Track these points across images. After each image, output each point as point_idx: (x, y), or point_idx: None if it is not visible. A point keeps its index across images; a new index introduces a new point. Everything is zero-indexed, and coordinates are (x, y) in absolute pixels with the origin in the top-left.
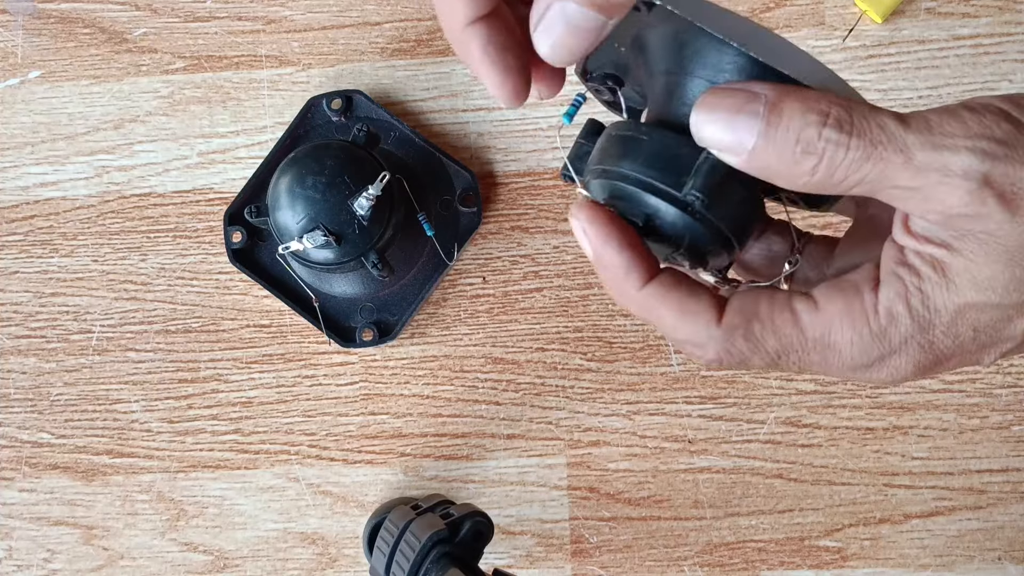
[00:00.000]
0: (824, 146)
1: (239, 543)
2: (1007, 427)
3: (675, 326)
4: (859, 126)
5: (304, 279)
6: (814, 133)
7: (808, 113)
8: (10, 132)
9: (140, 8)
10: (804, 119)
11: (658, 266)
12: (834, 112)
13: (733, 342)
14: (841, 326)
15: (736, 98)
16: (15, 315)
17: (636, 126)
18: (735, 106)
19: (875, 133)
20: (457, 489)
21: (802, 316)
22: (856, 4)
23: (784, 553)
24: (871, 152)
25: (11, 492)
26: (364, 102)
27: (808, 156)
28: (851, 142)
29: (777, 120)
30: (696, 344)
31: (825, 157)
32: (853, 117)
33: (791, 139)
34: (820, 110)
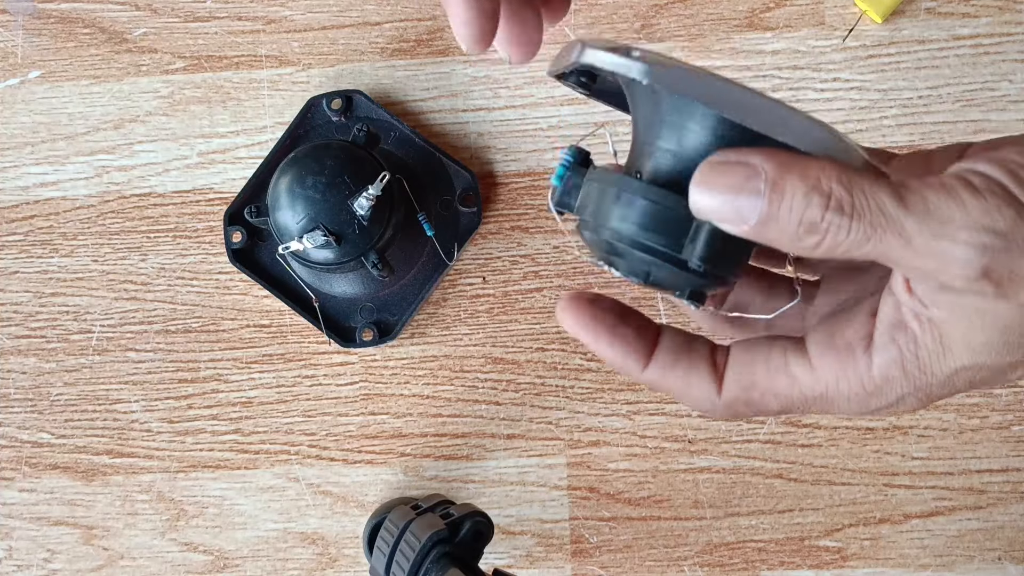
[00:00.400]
0: (827, 228)
1: (239, 543)
2: (1007, 427)
3: (680, 399)
4: (859, 207)
5: (304, 279)
6: (817, 215)
7: (810, 194)
8: (10, 132)
9: (140, 8)
10: (806, 200)
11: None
12: (835, 193)
13: (736, 409)
14: (838, 387)
15: (735, 176)
16: (15, 315)
17: (631, 183)
18: (735, 185)
19: (874, 215)
20: (457, 489)
21: (799, 379)
22: (856, 4)
23: (784, 553)
24: (871, 234)
25: (11, 492)
26: (364, 102)
27: (811, 235)
28: (852, 225)
29: (779, 200)
30: (704, 411)
31: (827, 236)
32: (854, 197)
33: (794, 220)
34: (822, 191)
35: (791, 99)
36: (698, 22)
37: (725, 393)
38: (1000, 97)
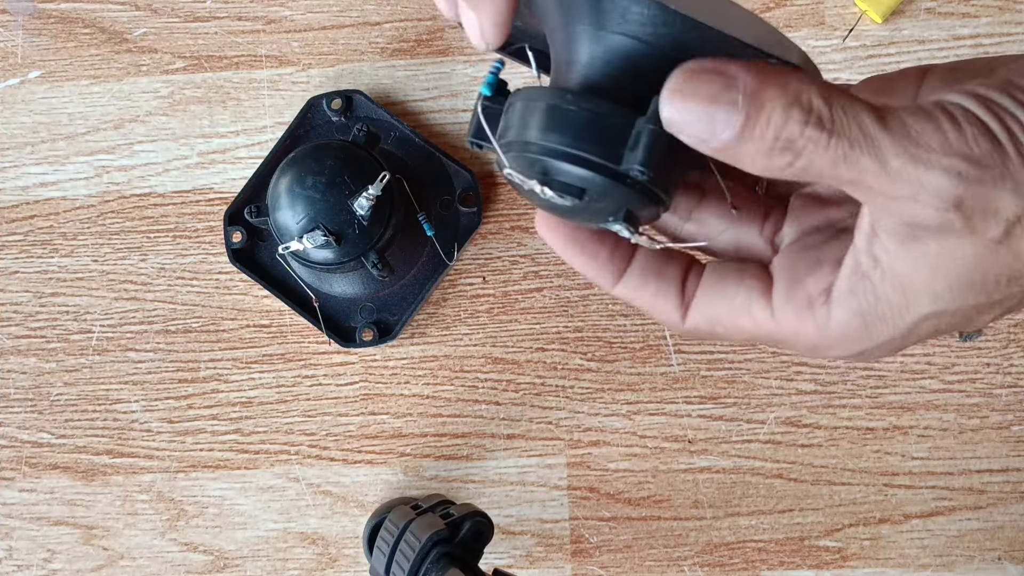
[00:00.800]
0: (804, 144)
1: (239, 543)
2: (1007, 427)
3: (650, 315)
4: (839, 124)
5: (304, 279)
6: (796, 130)
7: (791, 108)
8: (10, 132)
9: (140, 8)
10: (786, 114)
11: (626, 263)
12: (816, 107)
13: (698, 334)
14: (797, 337)
15: (712, 85)
16: (15, 315)
17: (559, 94)
18: (711, 95)
19: (853, 132)
20: (457, 489)
21: (760, 323)
22: (856, 4)
23: (784, 553)
24: (847, 153)
25: (11, 492)
26: (364, 102)
27: (785, 153)
28: (830, 142)
29: (757, 113)
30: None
31: (803, 155)
32: (833, 113)
33: (771, 135)
34: (802, 105)
35: None
36: None
37: (689, 321)
38: None
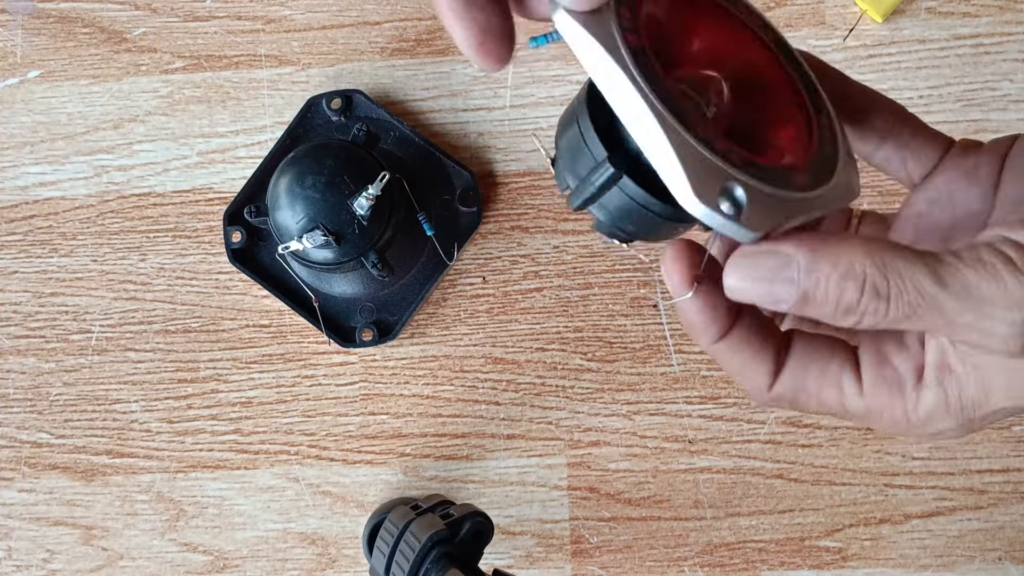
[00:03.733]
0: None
1: (239, 543)
2: (1007, 427)
3: (735, 376)
4: (895, 289)
5: (304, 279)
6: (852, 299)
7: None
8: (9, 132)
9: (140, 8)
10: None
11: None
12: (870, 277)
13: (779, 403)
14: (882, 414)
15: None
16: (15, 315)
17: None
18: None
19: (911, 295)
20: (457, 489)
21: (847, 398)
22: (856, 4)
23: (784, 553)
24: (910, 314)
25: (11, 492)
26: (364, 102)
27: (849, 315)
28: (889, 308)
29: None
30: (750, 394)
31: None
32: (889, 280)
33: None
34: (856, 276)
35: None
36: None
37: (776, 387)
38: (1001, 97)
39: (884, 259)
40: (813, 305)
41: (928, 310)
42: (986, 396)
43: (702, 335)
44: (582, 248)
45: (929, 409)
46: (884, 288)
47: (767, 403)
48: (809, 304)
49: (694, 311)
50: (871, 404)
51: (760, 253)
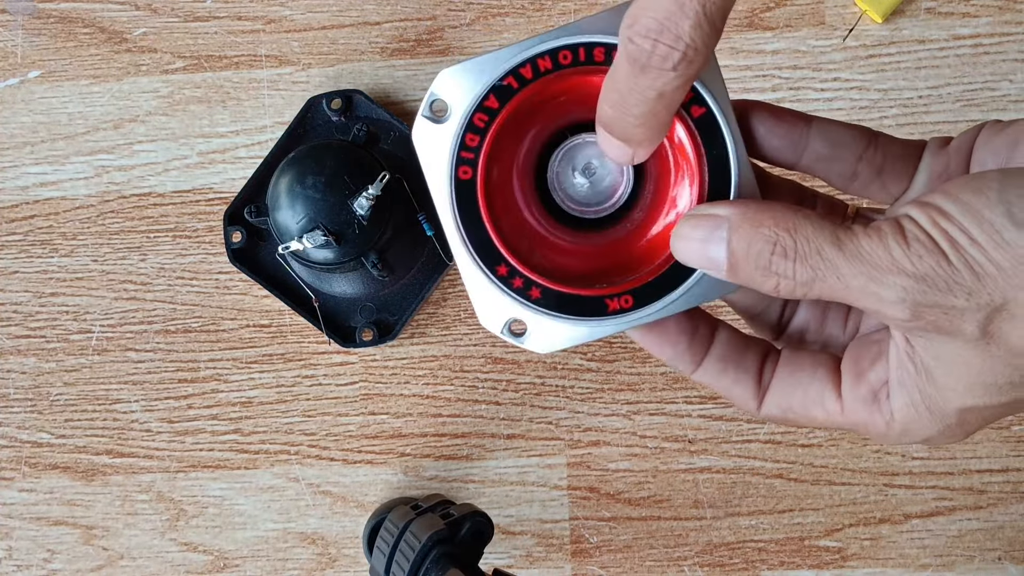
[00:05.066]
0: (776, 270)
1: (239, 543)
2: (1007, 427)
3: (727, 399)
4: (801, 251)
5: (304, 279)
6: (765, 260)
7: (757, 241)
8: (10, 132)
9: (140, 8)
10: (755, 247)
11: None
12: (780, 239)
13: (773, 420)
14: (867, 428)
15: (704, 226)
16: (15, 315)
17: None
18: (704, 236)
19: (813, 259)
20: (457, 489)
21: (832, 415)
22: (856, 4)
23: (784, 553)
24: (814, 276)
25: (11, 492)
26: (364, 102)
27: (767, 277)
28: (795, 268)
29: (736, 245)
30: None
31: (781, 279)
32: (796, 242)
33: (751, 264)
34: (768, 237)
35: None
36: None
37: (764, 409)
38: (1000, 97)
39: (796, 223)
40: (739, 266)
41: (827, 272)
42: (940, 392)
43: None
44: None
45: (902, 416)
46: (792, 249)
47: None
48: (736, 264)
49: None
50: (853, 419)
51: (700, 215)
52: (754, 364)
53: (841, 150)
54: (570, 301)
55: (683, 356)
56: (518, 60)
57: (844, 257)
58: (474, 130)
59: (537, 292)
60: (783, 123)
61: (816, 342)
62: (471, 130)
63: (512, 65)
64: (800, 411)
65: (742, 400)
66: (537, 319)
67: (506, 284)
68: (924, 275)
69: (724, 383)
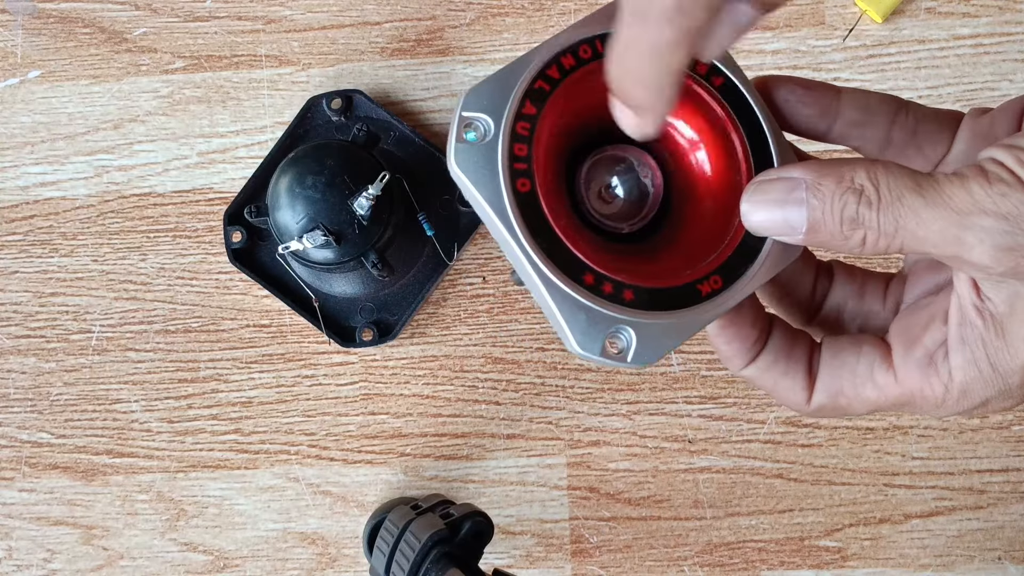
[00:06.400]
0: (862, 221)
1: (239, 543)
2: (1007, 427)
3: (772, 395)
4: (884, 198)
5: (304, 279)
6: (852, 211)
7: (844, 193)
8: (10, 132)
9: (140, 8)
10: (843, 200)
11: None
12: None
13: (821, 414)
14: (923, 395)
15: (778, 189)
16: (15, 315)
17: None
18: (780, 199)
19: (895, 206)
20: (457, 489)
21: (884, 389)
22: (856, 4)
23: (784, 553)
24: (897, 225)
25: (11, 492)
26: (364, 102)
27: (855, 230)
28: (879, 217)
29: (819, 204)
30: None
31: (868, 231)
32: (879, 190)
33: (836, 220)
34: (854, 187)
35: None
36: None
37: (814, 400)
38: (1000, 97)
39: (877, 172)
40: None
41: (910, 219)
42: (1007, 345)
43: (732, 361)
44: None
45: (961, 376)
46: (875, 198)
47: (811, 416)
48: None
49: (723, 342)
50: (908, 388)
51: (770, 180)
52: (804, 355)
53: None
54: (663, 296)
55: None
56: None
57: (925, 202)
58: (520, 139)
59: (630, 294)
60: (813, 92)
61: (855, 320)
62: (517, 140)
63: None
64: (851, 393)
65: (790, 393)
66: (638, 325)
67: (596, 293)
68: (1008, 214)
69: (773, 376)
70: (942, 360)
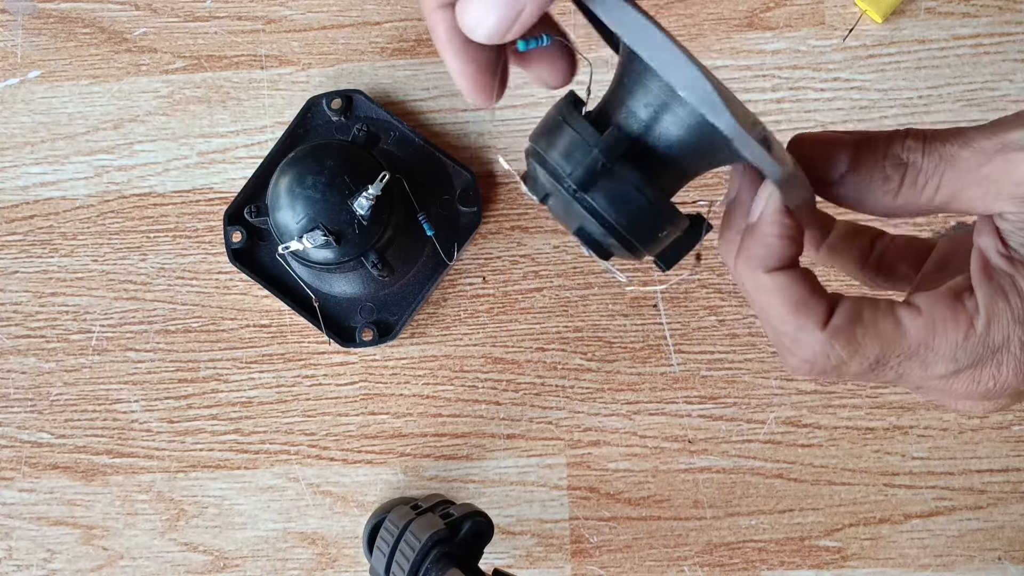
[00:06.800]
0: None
1: (239, 543)
2: (1007, 427)
3: (783, 318)
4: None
5: (304, 279)
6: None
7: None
8: (10, 132)
9: (140, 8)
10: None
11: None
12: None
13: (833, 345)
14: (945, 329)
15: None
16: (15, 315)
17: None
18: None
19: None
20: (457, 489)
21: (905, 321)
22: (856, 4)
23: (784, 553)
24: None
25: (11, 492)
26: (364, 102)
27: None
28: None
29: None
30: (795, 341)
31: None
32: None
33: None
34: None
35: (791, 99)
36: (698, 22)
37: (833, 321)
38: (1000, 97)
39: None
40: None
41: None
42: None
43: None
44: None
45: (987, 304)
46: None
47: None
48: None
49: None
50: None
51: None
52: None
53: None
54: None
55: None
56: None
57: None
58: None
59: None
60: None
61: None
62: None
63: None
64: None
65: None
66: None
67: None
68: None
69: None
70: (969, 297)
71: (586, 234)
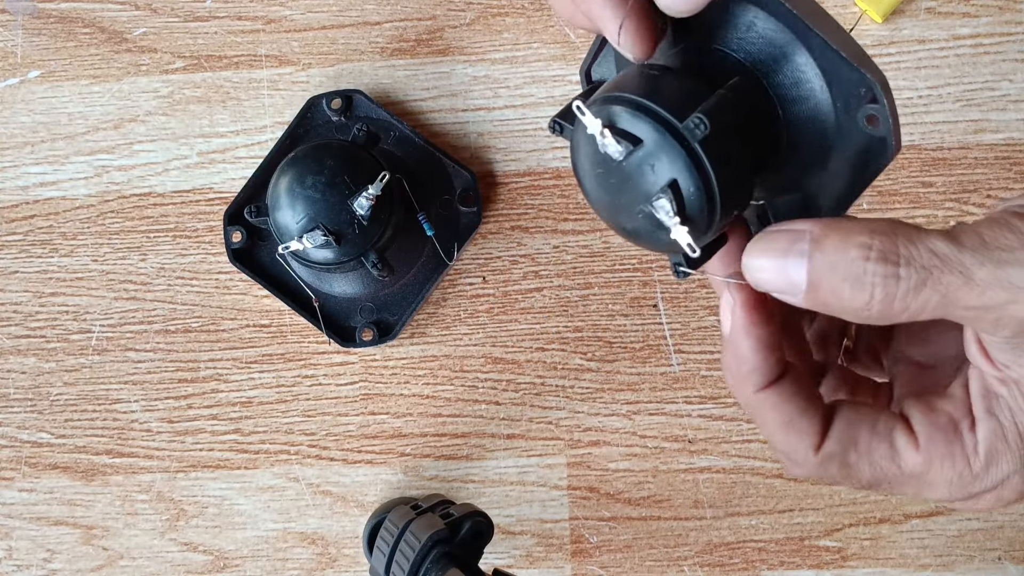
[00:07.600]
0: (872, 280)
1: (239, 543)
2: None
3: (775, 436)
4: (906, 254)
5: (304, 279)
6: (859, 269)
7: (849, 249)
8: (10, 132)
9: (140, 8)
10: (847, 255)
11: (782, 375)
12: (876, 244)
13: (827, 468)
14: (942, 467)
15: (782, 240)
16: (15, 315)
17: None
18: (782, 249)
19: (926, 258)
20: (457, 489)
21: (902, 453)
22: (856, 4)
23: (784, 553)
24: (926, 277)
25: (11, 492)
26: (364, 102)
27: (859, 291)
28: (900, 272)
29: (821, 258)
30: (790, 459)
31: (876, 290)
32: (899, 246)
33: (838, 277)
34: (861, 243)
35: None
36: None
37: (825, 447)
38: (1000, 97)
39: (895, 228)
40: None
41: (946, 269)
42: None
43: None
44: (582, 248)
45: (988, 446)
46: (894, 252)
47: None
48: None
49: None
50: (930, 455)
51: (777, 231)
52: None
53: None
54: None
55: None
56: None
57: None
58: None
59: None
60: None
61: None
62: None
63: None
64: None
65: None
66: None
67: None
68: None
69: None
70: (967, 431)
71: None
